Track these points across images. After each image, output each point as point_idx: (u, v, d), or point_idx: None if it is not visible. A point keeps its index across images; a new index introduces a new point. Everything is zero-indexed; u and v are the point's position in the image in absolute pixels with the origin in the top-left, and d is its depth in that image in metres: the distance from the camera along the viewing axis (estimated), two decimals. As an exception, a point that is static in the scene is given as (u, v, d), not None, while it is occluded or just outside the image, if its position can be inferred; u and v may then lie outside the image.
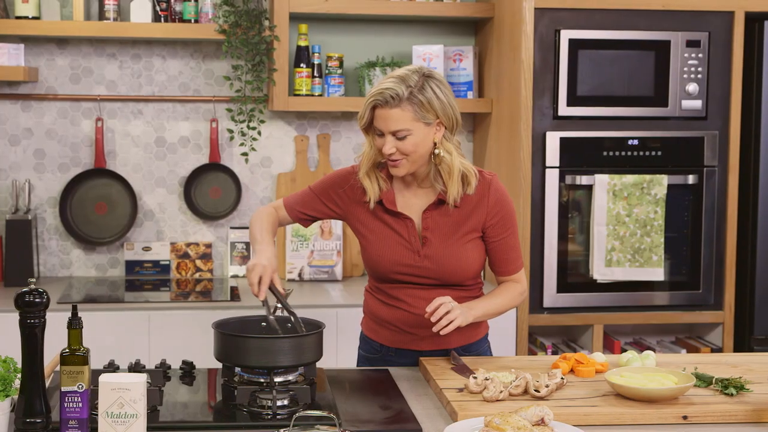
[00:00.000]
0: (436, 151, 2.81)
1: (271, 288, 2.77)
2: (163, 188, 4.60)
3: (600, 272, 4.12)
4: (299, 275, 4.54)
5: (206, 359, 3.06)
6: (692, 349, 4.33)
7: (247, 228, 4.63)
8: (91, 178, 4.53)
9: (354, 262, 4.66)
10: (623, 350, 4.29)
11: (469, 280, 2.93)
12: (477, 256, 2.90)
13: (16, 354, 2.28)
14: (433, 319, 2.71)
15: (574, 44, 4.08)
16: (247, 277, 2.77)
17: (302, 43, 4.44)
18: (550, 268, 4.15)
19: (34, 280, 2.20)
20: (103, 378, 2.16)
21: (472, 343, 3.00)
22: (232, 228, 4.64)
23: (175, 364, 2.86)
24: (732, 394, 2.54)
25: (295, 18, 4.43)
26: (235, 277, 4.61)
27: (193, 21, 4.39)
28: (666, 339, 4.50)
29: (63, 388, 2.17)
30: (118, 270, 4.60)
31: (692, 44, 4.15)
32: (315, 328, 2.68)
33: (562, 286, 4.16)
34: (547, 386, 2.52)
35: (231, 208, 4.61)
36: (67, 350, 2.18)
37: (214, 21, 4.38)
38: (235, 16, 4.32)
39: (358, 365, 3.11)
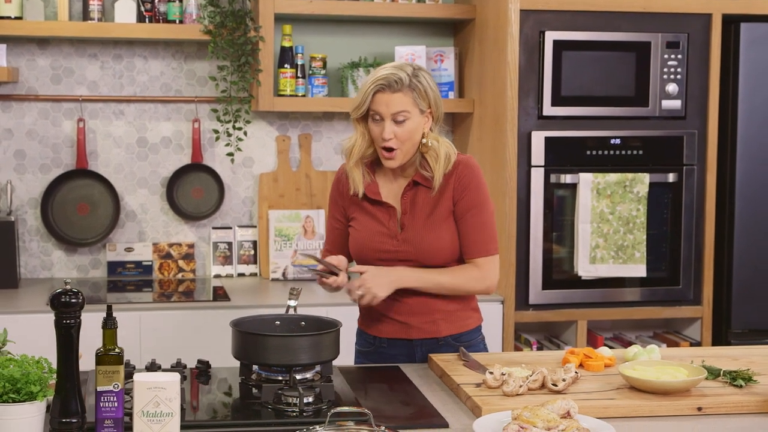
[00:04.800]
0: (424, 140, 2.93)
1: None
2: (145, 189, 4.60)
3: (584, 269, 4.19)
4: (283, 274, 4.56)
5: (201, 358, 3.05)
6: (671, 344, 4.42)
7: (228, 228, 4.64)
8: (73, 179, 4.51)
9: (336, 262, 4.69)
10: (605, 345, 4.37)
11: (450, 263, 2.98)
12: (452, 236, 2.97)
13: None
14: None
15: (558, 45, 4.15)
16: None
17: (286, 44, 4.47)
18: (535, 266, 4.21)
19: (69, 280, 2.20)
20: (138, 377, 2.17)
21: (463, 333, 3.05)
22: (214, 228, 4.64)
23: (167, 364, 2.87)
24: (741, 386, 2.62)
25: (279, 19, 4.45)
26: (218, 277, 4.62)
27: (177, 21, 4.39)
28: (644, 334, 4.59)
29: (99, 388, 2.18)
30: (100, 271, 4.58)
31: (672, 45, 4.24)
32: (331, 326, 2.71)
33: (547, 283, 4.23)
34: (564, 380, 2.57)
35: (213, 208, 4.62)
36: (101, 350, 2.19)
37: (198, 21, 4.39)
38: (220, 17, 4.33)
39: (355, 361, 3.16)
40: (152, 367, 2.67)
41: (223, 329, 3.82)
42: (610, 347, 3.11)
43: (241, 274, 4.65)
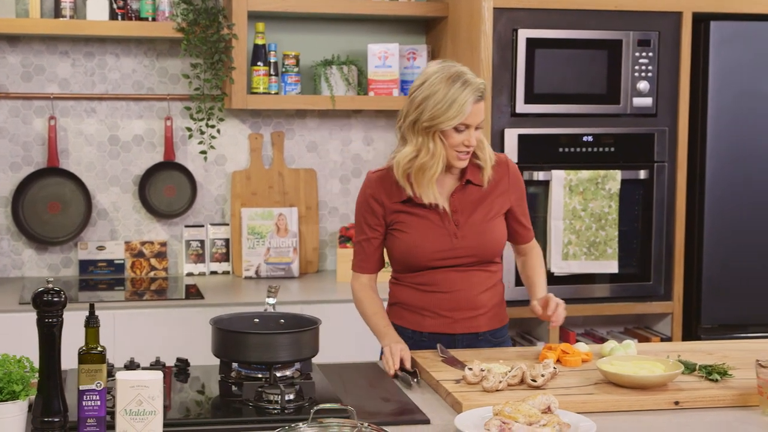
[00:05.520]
0: None
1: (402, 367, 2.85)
2: (117, 187, 4.58)
3: (557, 266, 4.22)
4: (256, 272, 4.56)
5: (174, 356, 3.04)
6: (642, 339, 4.46)
7: (201, 226, 4.63)
8: (44, 177, 4.48)
9: (309, 259, 4.70)
10: (578, 341, 4.40)
11: (497, 257, 3.11)
12: (503, 231, 3.09)
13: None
14: (554, 319, 2.96)
15: (531, 43, 4.17)
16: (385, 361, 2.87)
17: (259, 42, 4.47)
18: (508, 263, 4.21)
19: (52, 279, 2.20)
20: (121, 375, 2.17)
21: (498, 329, 3.14)
22: (186, 226, 4.63)
23: (142, 363, 2.86)
24: (716, 380, 2.65)
25: (253, 16, 4.45)
26: (190, 275, 4.60)
27: (150, 19, 4.37)
28: (615, 329, 4.63)
29: (81, 387, 2.17)
30: (71, 270, 4.56)
31: (643, 43, 4.28)
32: (311, 324, 2.71)
33: (520, 280, 4.23)
34: (543, 376, 2.60)
35: (186, 206, 4.61)
36: (84, 348, 2.19)
37: (171, 19, 4.38)
38: (193, 14, 4.32)
39: (382, 356, 3.16)
40: (131, 365, 2.67)
41: (198, 327, 3.86)
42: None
43: (213, 272, 4.64)
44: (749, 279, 4.43)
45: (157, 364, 2.72)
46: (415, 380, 2.69)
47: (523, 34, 4.17)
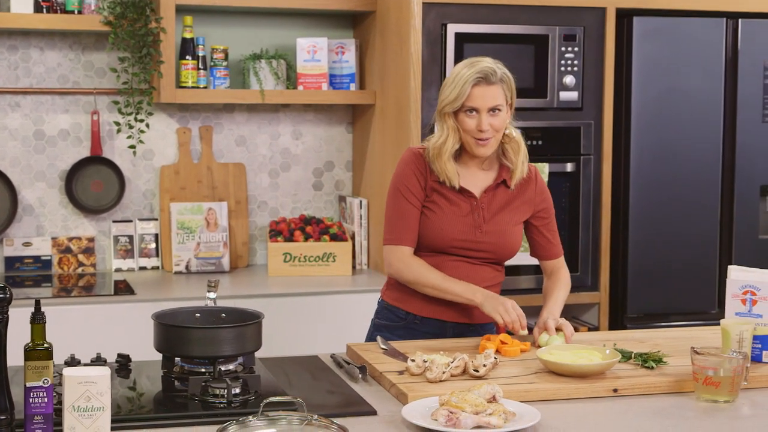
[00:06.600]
0: (507, 131, 3.09)
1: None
2: (42, 182, 4.52)
3: (488, 258, 4.27)
4: (186, 267, 4.53)
5: (107, 353, 3.00)
6: (570, 329, 4.53)
7: (129, 221, 4.59)
8: (-33, 173, 4.41)
9: (239, 254, 4.69)
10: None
11: (508, 260, 3.19)
12: (521, 239, 3.17)
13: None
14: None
15: (460, 38, 4.22)
16: (507, 315, 3.01)
17: (188, 35, 4.44)
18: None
19: (-3, 275, 2.17)
20: (68, 372, 2.15)
21: (489, 323, 3.22)
22: (114, 222, 4.59)
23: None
24: (652, 368, 2.72)
25: (181, 10, 4.42)
26: (119, 270, 4.56)
27: (76, 12, 4.32)
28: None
29: (28, 384, 2.15)
30: (-4, 266, 4.50)
31: (568, 38, 4.35)
32: (254, 318, 2.72)
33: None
34: (484, 366, 2.64)
35: (114, 201, 4.56)
36: (30, 345, 2.17)
37: (97, 12, 4.33)
38: (120, 8, 4.27)
39: (372, 333, 3.22)
40: (73, 362, 2.64)
41: (131, 323, 3.83)
42: (510, 333, 3.19)
43: (142, 268, 4.60)
44: (672, 269, 4.53)
45: (98, 360, 2.70)
46: (361, 375, 2.71)
47: (452, 29, 4.21)
